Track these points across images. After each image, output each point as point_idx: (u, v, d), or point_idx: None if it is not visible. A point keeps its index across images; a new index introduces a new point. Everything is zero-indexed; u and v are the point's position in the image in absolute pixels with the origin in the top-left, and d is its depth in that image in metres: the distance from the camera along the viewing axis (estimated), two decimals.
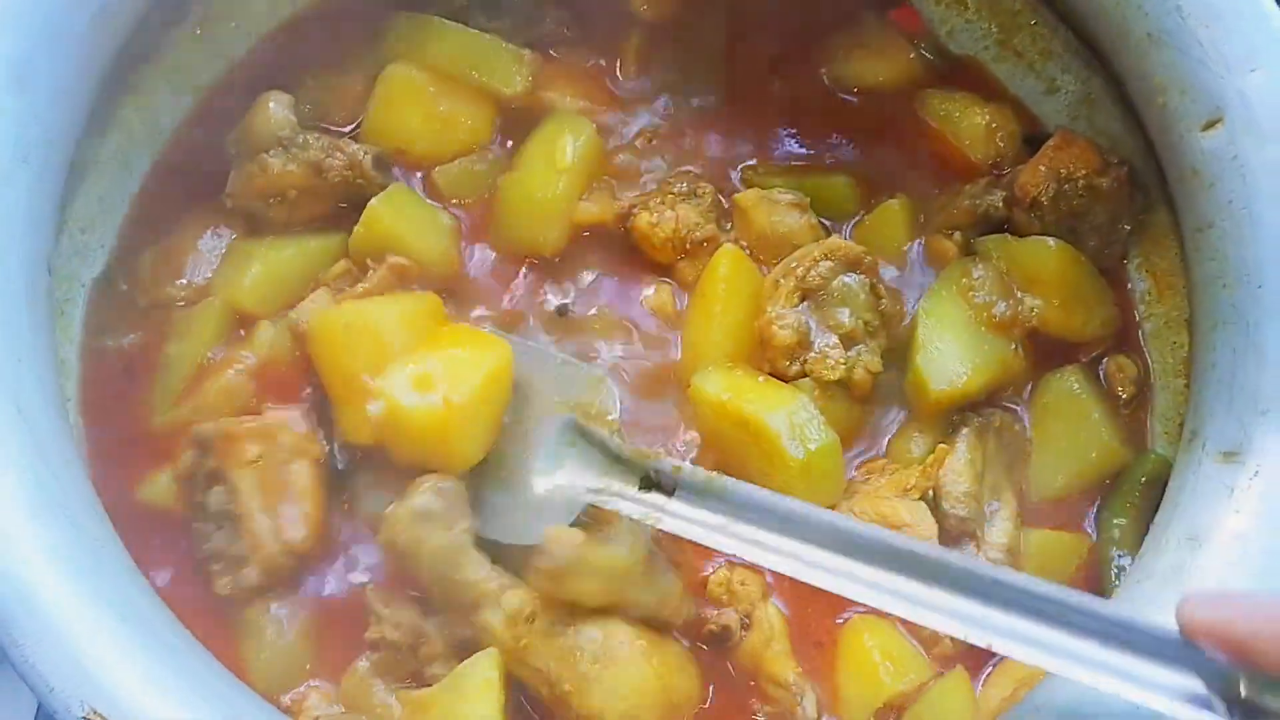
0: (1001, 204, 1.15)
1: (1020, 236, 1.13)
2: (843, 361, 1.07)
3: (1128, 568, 1.03)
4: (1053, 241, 1.12)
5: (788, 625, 1.03)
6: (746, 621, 1.02)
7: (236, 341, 1.09)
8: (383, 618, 0.97)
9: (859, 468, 1.09)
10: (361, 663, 0.98)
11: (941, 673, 0.99)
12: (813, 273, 1.08)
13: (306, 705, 0.97)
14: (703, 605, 1.02)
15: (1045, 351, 1.13)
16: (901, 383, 1.10)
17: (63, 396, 0.98)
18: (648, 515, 0.93)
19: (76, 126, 1.01)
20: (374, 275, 1.07)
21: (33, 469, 0.85)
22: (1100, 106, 1.18)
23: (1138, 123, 1.12)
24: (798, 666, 1.00)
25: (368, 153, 1.12)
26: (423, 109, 1.16)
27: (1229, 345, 0.99)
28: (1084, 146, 1.13)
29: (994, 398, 1.11)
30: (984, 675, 1.01)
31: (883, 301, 1.10)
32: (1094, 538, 1.08)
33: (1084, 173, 1.12)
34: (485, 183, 1.17)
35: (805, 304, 1.09)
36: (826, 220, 1.18)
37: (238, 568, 0.99)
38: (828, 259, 1.09)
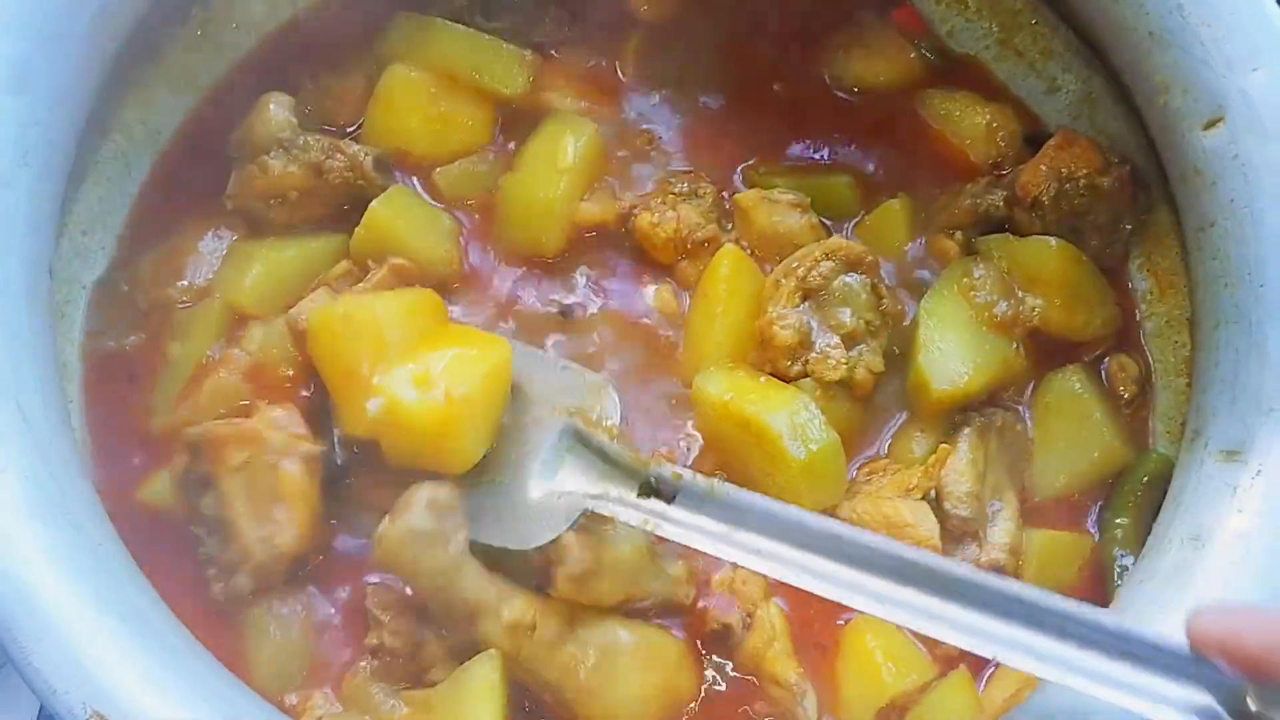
0: (1002, 203, 1.15)
1: (1021, 236, 1.13)
2: (844, 361, 1.07)
3: (1130, 567, 1.03)
4: (1054, 241, 1.12)
5: (789, 625, 1.02)
6: (748, 621, 1.02)
7: (233, 343, 1.08)
8: (382, 623, 0.96)
9: (861, 468, 1.09)
10: (363, 664, 0.98)
11: (944, 673, 0.99)
12: (814, 273, 1.08)
13: (310, 705, 0.97)
14: (705, 596, 1.02)
15: (1047, 351, 1.12)
16: (903, 383, 1.10)
17: (64, 398, 0.98)
18: (647, 522, 0.92)
19: (77, 128, 1.01)
20: (374, 276, 1.06)
21: (34, 471, 0.85)
22: (1101, 106, 1.18)
23: (1139, 122, 1.12)
24: (799, 666, 1.00)
25: (368, 154, 1.12)
26: (423, 110, 1.16)
27: (1231, 344, 0.99)
28: (1085, 146, 1.13)
29: (996, 397, 1.11)
30: (986, 675, 1.01)
31: (884, 301, 1.10)
32: (1096, 537, 1.08)
33: (1085, 172, 1.11)
34: (486, 183, 1.17)
35: (806, 304, 1.08)
36: (827, 220, 1.18)
37: (230, 574, 0.98)
38: (829, 259, 1.09)
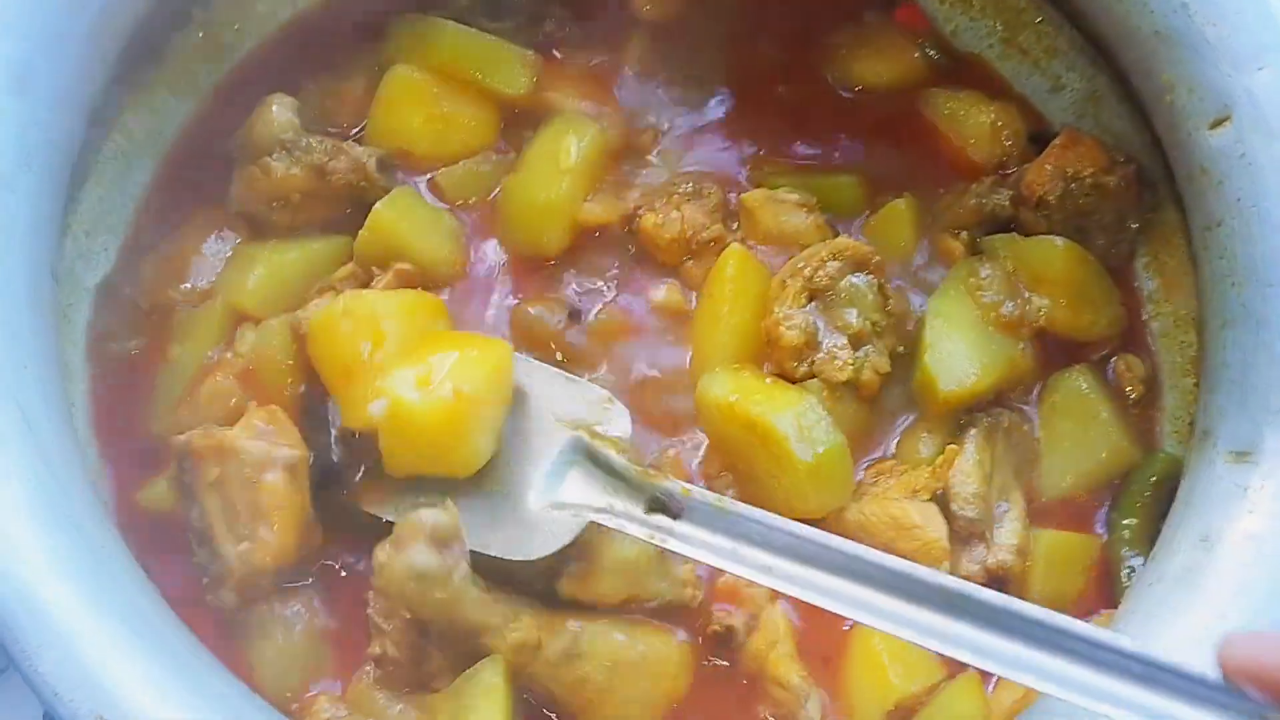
0: (1008, 203, 1.15)
1: (1027, 236, 1.13)
2: (850, 362, 1.07)
3: (1139, 568, 1.03)
4: (1060, 241, 1.12)
5: (795, 628, 1.02)
6: (751, 624, 1.02)
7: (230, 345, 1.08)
8: (384, 632, 0.95)
9: (867, 469, 1.09)
10: (367, 668, 0.97)
11: (952, 676, 0.98)
12: (820, 273, 1.08)
13: (314, 709, 0.96)
14: (710, 601, 1.02)
15: (1053, 351, 1.12)
16: (909, 383, 1.10)
17: (67, 401, 0.98)
18: (653, 536, 0.92)
19: (78, 130, 1.00)
20: (380, 281, 1.06)
21: (37, 475, 0.85)
22: (1106, 104, 1.17)
23: (1144, 121, 1.12)
24: (802, 669, 1.00)
25: (371, 155, 1.11)
26: (426, 111, 1.15)
27: (1239, 344, 0.98)
28: (1090, 145, 1.13)
29: (1002, 398, 1.10)
30: (995, 678, 1.00)
31: (890, 301, 1.10)
32: (1104, 538, 1.07)
33: (1091, 171, 1.11)
34: (489, 184, 1.16)
35: (813, 304, 1.08)
36: (833, 219, 1.17)
37: (217, 587, 0.97)
38: (835, 259, 1.08)
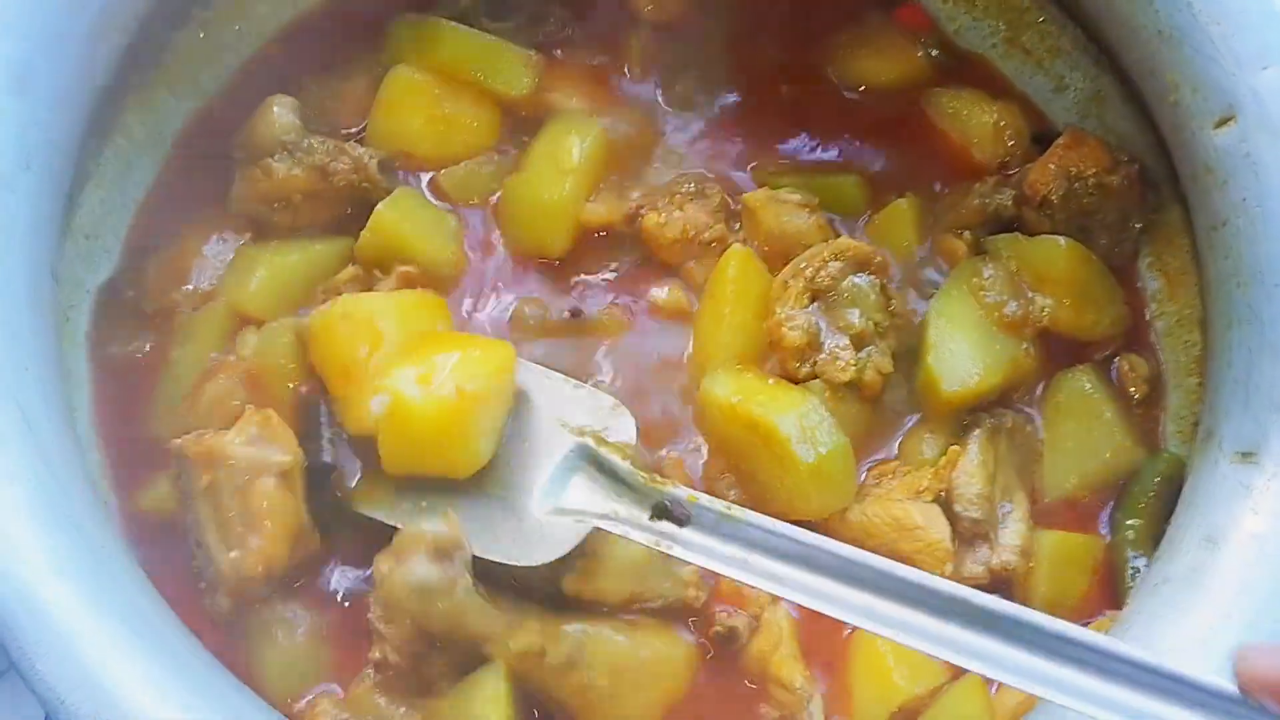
0: (1011, 203, 1.15)
1: (1030, 235, 1.13)
2: (853, 363, 1.06)
3: (1143, 569, 1.03)
4: (1063, 240, 1.11)
5: (797, 628, 1.02)
6: (754, 624, 1.02)
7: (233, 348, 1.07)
8: (385, 637, 0.94)
9: (870, 470, 1.08)
10: (369, 671, 0.97)
11: (956, 677, 0.98)
12: (822, 273, 1.08)
13: (317, 711, 0.96)
14: (713, 602, 1.02)
15: (1056, 351, 1.12)
16: (912, 384, 1.10)
17: (68, 404, 0.98)
18: (658, 543, 0.91)
19: (79, 131, 1.00)
20: (383, 284, 1.06)
21: (39, 478, 0.84)
22: (1109, 104, 1.17)
23: (1147, 120, 1.12)
24: (805, 670, 1.00)
25: (373, 156, 1.11)
26: (427, 111, 1.15)
27: (1244, 344, 0.98)
28: (1094, 145, 1.13)
29: (1005, 398, 1.10)
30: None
31: (893, 302, 1.10)
32: (1108, 539, 1.07)
33: (1094, 171, 1.11)
34: (491, 185, 1.16)
35: (815, 305, 1.08)
36: (834, 219, 1.17)
37: (213, 592, 0.97)
38: (837, 259, 1.08)
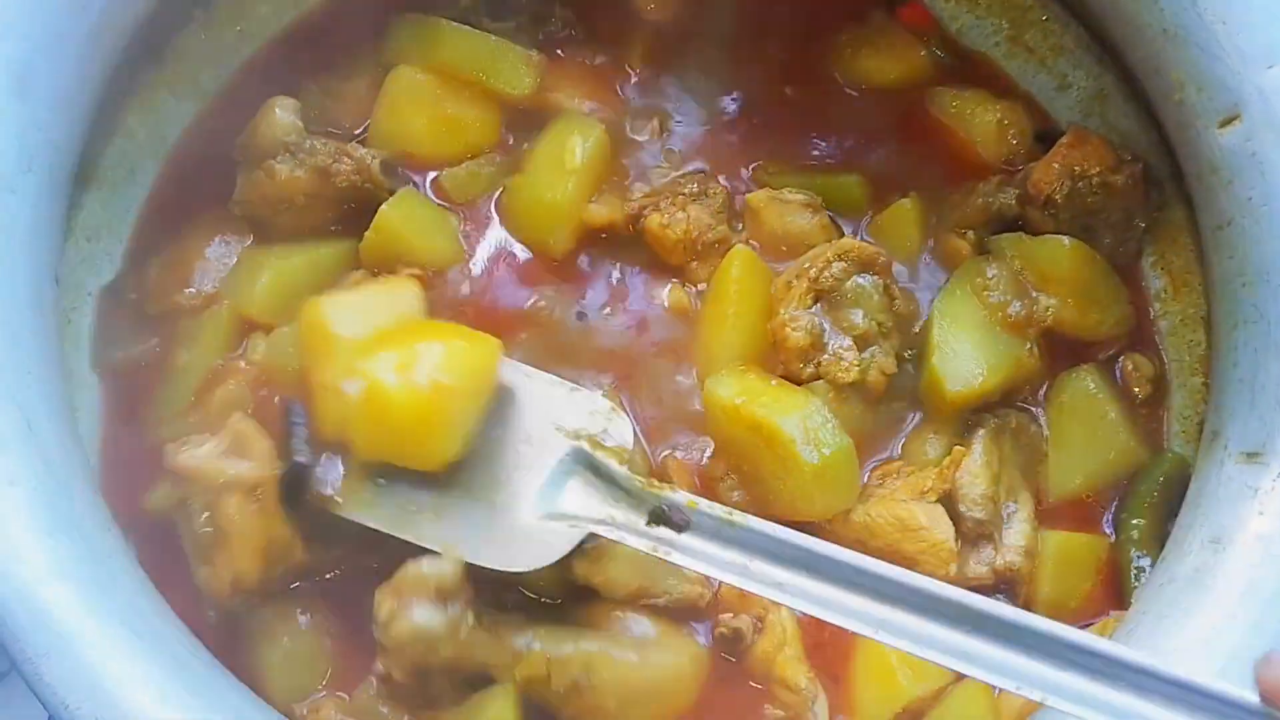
0: (1014, 202, 1.14)
1: (1034, 235, 1.12)
2: (857, 363, 1.06)
3: (1147, 569, 1.03)
4: (1067, 240, 1.11)
5: (801, 629, 1.02)
6: (759, 625, 1.01)
7: (242, 352, 1.07)
8: (389, 652, 0.93)
9: (874, 470, 1.08)
10: (372, 679, 0.97)
11: (960, 678, 0.98)
12: (826, 274, 1.07)
13: (321, 716, 0.97)
14: (717, 603, 1.02)
15: (1060, 351, 1.12)
16: (916, 384, 1.10)
17: (71, 407, 0.97)
18: (655, 549, 0.89)
19: (80, 133, 1.00)
20: None
21: (41, 482, 0.84)
22: (1113, 103, 1.17)
23: (1151, 119, 1.12)
24: (809, 671, 1.00)
25: (375, 157, 1.11)
26: (429, 112, 1.15)
27: (1250, 344, 0.98)
28: (1097, 143, 1.12)
29: (1009, 398, 1.10)
30: None
31: (896, 302, 1.09)
32: (1112, 539, 1.07)
33: (1098, 170, 1.11)
34: (493, 185, 1.16)
35: (818, 305, 1.07)
36: (838, 219, 1.17)
37: (204, 603, 0.97)
38: (840, 260, 1.08)
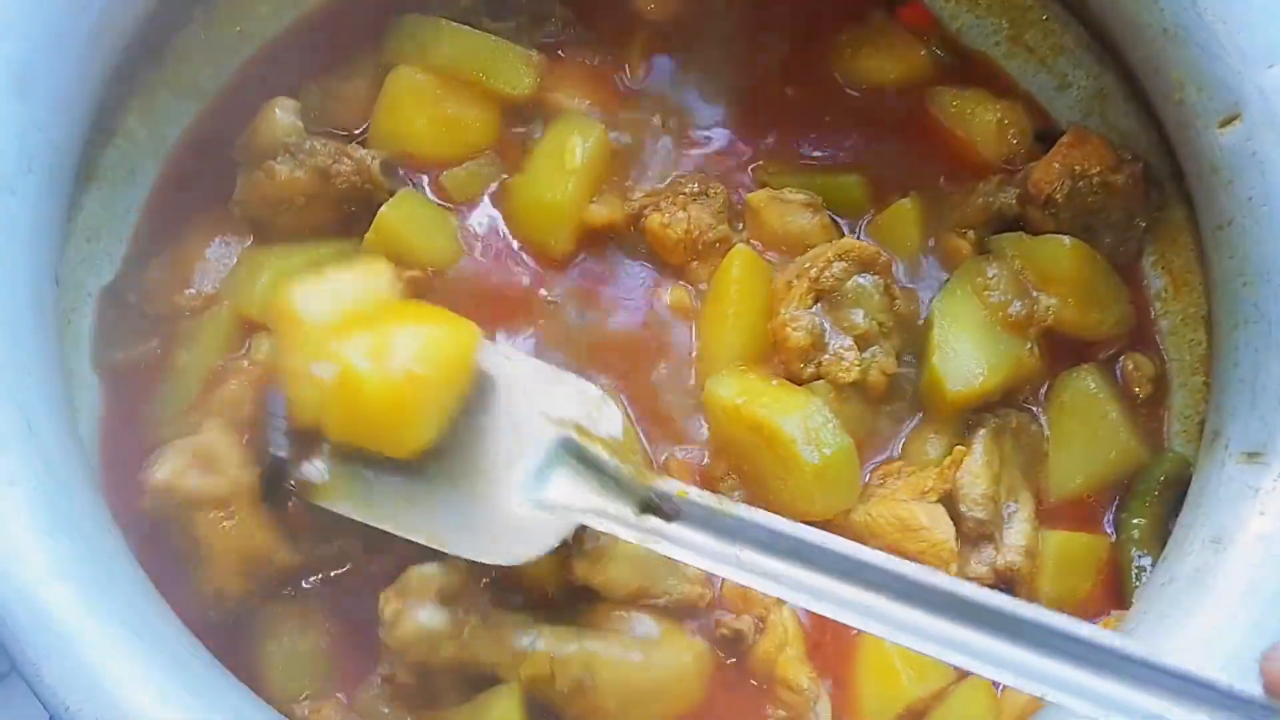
0: (1015, 202, 1.14)
1: (1034, 234, 1.12)
2: (857, 363, 1.06)
3: (1148, 568, 1.03)
4: (1068, 239, 1.11)
5: (803, 629, 1.02)
6: (760, 625, 1.01)
7: (244, 352, 1.07)
8: (394, 653, 0.93)
9: (874, 470, 1.08)
10: (374, 679, 0.97)
11: (963, 677, 0.98)
12: (826, 274, 1.07)
13: (322, 716, 0.96)
14: (718, 603, 1.02)
15: (1061, 350, 1.12)
16: (916, 384, 1.10)
17: (71, 408, 0.97)
18: (645, 540, 0.88)
19: (80, 133, 0.99)
20: None
21: (41, 483, 0.84)
22: (1113, 102, 1.17)
23: (1151, 119, 1.12)
24: (811, 671, 1.00)
25: (375, 158, 1.10)
26: (429, 112, 1.15)
27: (1250, 344, 0.98)
28: (1097, 143, 1.12)
29: (1010, 398, 1.10)
30: None
31: (897, 302, 1.09)
32: (1113, 538, 1.07)
33: (1098, 169, 1.11)
34: (493, 185, 1.15)
35: (819, 305, 1.07)
36: (838, 219, 1.17)
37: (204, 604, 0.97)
38: (841, 259, 1.08)
